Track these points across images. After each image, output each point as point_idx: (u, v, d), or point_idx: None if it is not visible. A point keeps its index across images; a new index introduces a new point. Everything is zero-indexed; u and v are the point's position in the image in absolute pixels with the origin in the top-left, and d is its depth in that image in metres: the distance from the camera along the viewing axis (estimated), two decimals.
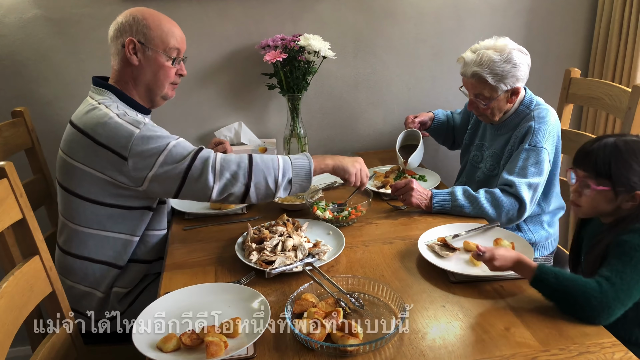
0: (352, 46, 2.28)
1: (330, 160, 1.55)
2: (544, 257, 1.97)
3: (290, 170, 1.46)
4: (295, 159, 1.49)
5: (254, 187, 1.43)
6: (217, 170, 1.41)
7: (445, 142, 2.24)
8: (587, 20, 2.42)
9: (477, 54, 1.75)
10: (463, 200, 1.67)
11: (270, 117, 2.32)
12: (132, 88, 1.58)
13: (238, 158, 1.44)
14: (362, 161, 1.61)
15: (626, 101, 1.83)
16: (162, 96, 1.62)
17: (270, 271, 1.33)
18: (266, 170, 1.44)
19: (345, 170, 1.56)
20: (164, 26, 1.56)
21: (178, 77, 1.64)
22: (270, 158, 1.47)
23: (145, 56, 1.54)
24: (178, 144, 1.44)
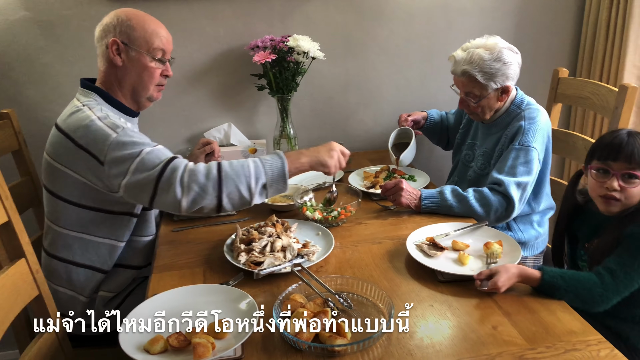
0: (341, 47, 2.28)
1: (305, 158, 1.46)
2: (534, 256, 1.98)
3: (263, 174, 1.38)
4: (267, 161, 1.41)
5: (227, 197, 1.36)
6: (184, 183, 1.33)
7: (440, 142, 2.25)
8: (574, 21, 2.44)
9: (468, 52, 1.76)
10: (452, 199, 1.68)
11: (259, 118, 2.32)
12: (117, 89, 1.56)
13: (207, 169, 1.36)
14: (336, 146, 1.52)
15: (613, 101, 1.85)
16: (148, 98, 1.60)
17: (259, 272, 1.33)
18: (237, 179, 1.36)
19: (323, 164, 1.48)
20: (148, 26, 1.54)
21: (164, 78, 1.62)
22: (241, 164, 1.39)
23: (129, 57, 1.52)
24: (152, 151, 1.38)
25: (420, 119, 2.16)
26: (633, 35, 2.17)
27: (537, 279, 1.26)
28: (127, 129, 1.41)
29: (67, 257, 1.54)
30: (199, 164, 1.38)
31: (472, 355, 1.07)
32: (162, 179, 1.34)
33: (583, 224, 1.51)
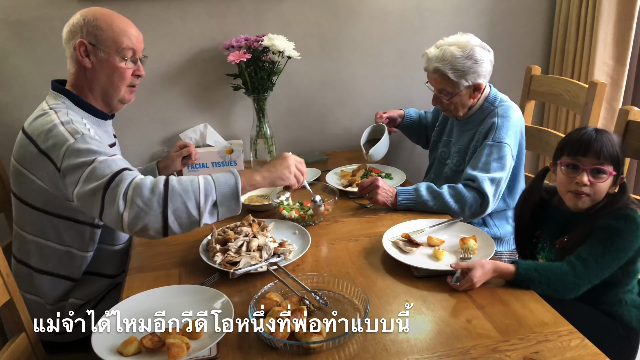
0: (316, 46, 2.28)
1: (259, 176, 1.38)
2: (509, 251, 2.00)
3: (213, 192, 1.28)
4: (219, 178, 1.31)
5: (173, 215, 1.25)
6: (128, 197, 1.23)
7: (419, 140, 2.27)
8: (546, 20, 2.48)
9: (440, 49, 1.78)
10: (427, 196, 1.69)
11: (236, 118, 2.31)
12: (88, 92, 1.52)
13: (153, 183, 1.26)
14: (290, 157, 1.45)
15: (583, 97, 1.88)
16: (120, 100, 1.55)
17: (235, 272, 1.32)
18: (184, 194, 1.25)
19: (281, 178, 1.41)
20: (115, 26, 1.49)
21: (136, 79, 1.57)
22: (190, 180, 1.29)
23: (98, 58, 1.47)
24: (105, 161, 1.29)
25: (397, 117, 2.18)
26: (602, 33, 2.21)
27: (511, 272, 1.28)
28: (86, 135, 1.35)
29: (31, 263, 1.51)
30: (147, 177, 1.28)
31: (446, 349, 1.08)
32: (108, 190, 1.25)
33: (548, 221, 1.52)
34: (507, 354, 1.05)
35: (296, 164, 1.45)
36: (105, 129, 1.59)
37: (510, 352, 1.06)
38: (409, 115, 2.20)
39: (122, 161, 1.34)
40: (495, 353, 1.06)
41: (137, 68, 1.55)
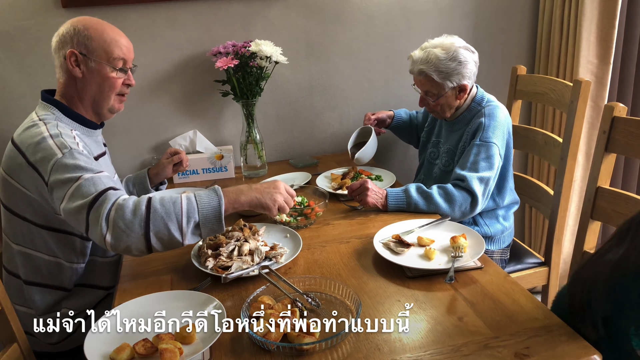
0: (304, 51, 2.29)
1: (245, 197, 1.35)
2: (501, 250, 2.02)
3: (196, 213, 1.27)
4: (202, 198, 1.30)
5: (155, 237, 1.25)
6: (110, 219, 1.23)
7: (411, 140, 2.29)
8: (530, 20, 2.51)
9: (425, 52, 1.80)
10: (417, 197, 1.71)
11: (225, 124, 2.32)
12: (77, 101, 1.52)
13: (135, 204, 1.25)
14: (281, 186, 1.42)
15: (569, 95, 1.90)
16: (109, 109, 1.56)
17: (227, 276, 1.33)
18: (167, 217, 1.25)
19: (264, 207, 1.37)
20: (106, 36, 1.49)
21: (126, 88, 1.57)
22: (173, 200, 1.27)
23: (89, 68, 1.48)
24: (91, 179, 1.29)
25: (386, 118, 2.19)
26: (585, 32, 2.24)
27: None
28: (74, 150, 1.35)
29: (20, 274, 1.51)
30: (130, 198, 1.27)
31: (438, 347, 1.08)
32: (92, 210, 1.25)
33: None
34: (499, 350, 1.06)
35: (285, 198, 1.41)
36: (95, 139, 1.59)
37: (501, 349, 1.07)
38: (399, 116, 2.22)
39: (108, 179, 1.33)
40: (487, 349, 1.07)
41: (127, 77, 1.56)
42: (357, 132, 2.11)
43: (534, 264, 2.06)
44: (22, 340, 1.32)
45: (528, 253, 2.12)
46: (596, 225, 1.59)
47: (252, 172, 2.17)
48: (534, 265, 2.06)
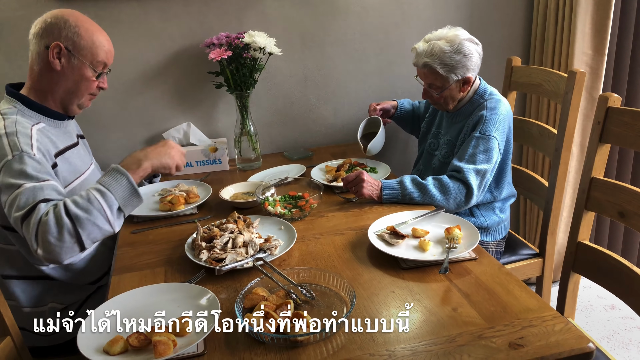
0: (298, 42, 2.28)
1: (146, 163, 1.42)
2: (496, 241, 2.02)
3: (113, 199, 1.31)
4: (111, 184, 1.33)
5: (88, 238, 1.28)
6: (39, 236, 1.25)
7: (413, 131, 2.28)
8: (525, 11, 2.50)
9: (429, 44, 1.79)
10: (412, 188, 1.70)
11: (219, 116, 2.30)
12: (47, 93, 1.51)
13: (56, 216, 1.25)
14: (172, 144, 1.52)
15: (563, 86, 1.90)
16: (79, 105, 1.57)
17: (220, 268, 1.32)
18: (92, 217, 1.28)
19: (164, 166, 1.47)
20: (96, 37, 1.49)
21: (98, 90, 1.58)
22: (87, 199, 1.29)
23: (70, 64, 1.48)
24: (31, 189, 1.29)
25: (390, 108, 2.18)
26: (580, 23, 2.23)
27: None
28: (24, 154, 1.34)
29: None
30: (49, 212, 1.26)
31: (432, 337, 1.08)
32: (24, 224, 1.27)
33: None
34: (493, 341, 1.06)
35: (179, 155, 1.51)
36: (64, 129, 1.59)
37: (495, 339, 1.07)
38: (402, 106, 2.21)
39: (49, 188, 1.32)
40: (481, 340, 1.07)
41: (102, 80, 1.57)
42: (364, 122, 2.09)
43: (529, 255, 2.07)
44: (15, 333, 1.31)
45: (523, 244, 2.12)
46: (590, 216, 1.59)
47: (246, 165, 2.17)
48: (528, 256, 2.06)
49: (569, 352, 1.03)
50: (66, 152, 1.55)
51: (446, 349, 1.05)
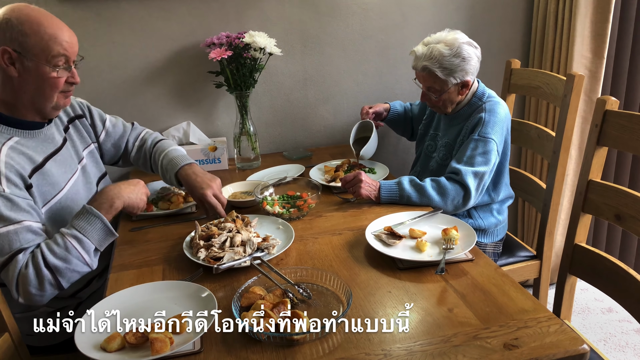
0: (298, 43, 2.29)
1: (118, 202, 1.42)
2: (494, 243, 2.03)
3: (89, 243, 1.34)
4: (85, 228, 1.34)
5: (68, 283, 1.33)
6: (20, 288, 1.28)
7: (404, 133, 2.28)
8: (525, 13, 2.51)
9: (428, 47, 1.79)
10: (410, 189, 1.71)
11: (219, 115, 2.31)
12: (16, 102, 1.41)
13: (35, 268, 1.27)
14: (142, 184, 1.52)
15: (562, 89, 1.91)
16: (53, 107, 1.45)
17: (218, 267, 1.33)
18: (70, 265, 1.31)
19: (132, 206, 1.47)
20: (44, 32, 1.33)
21: (69, 85, 1.45)
22: (65, 246, 1.31)
23: (25, 67, 1.34)
24: (5, 235, 1.28)
25: (382, 111, 2.19)
26: (580, 26, 2.24)
27: None
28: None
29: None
30: (28, 263, 1.28)
31: (428, 338, 1.09)
32: (1, 272, 1.29)
33: None
34: (488, 341, 1.07)
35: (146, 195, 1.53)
36: (43, 137, 1.50)
37: (490, 339, 1.07)
38: (395, 109, 2.21)
39: (23, 232, 1.30)
40: (476, 340, 1.07)
41: (71, 75, 1.43)
42: (356, 127, 2.09)
43: (526, 257, 2.07)
44: (13, 330, 1.32)
45: (520, 246, 2.13)
46: (587, 218, 1.60)
47: (245, 164, 2.17)
48: (526, 258, 2.07)
49: (564, 354, 1.03)
50: (46, 164, 1.46)
51: (441, 349, 1.05)
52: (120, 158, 1.83)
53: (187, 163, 1.69)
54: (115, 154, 1.81)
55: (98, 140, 1.75)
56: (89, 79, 2.10)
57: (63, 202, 1.49)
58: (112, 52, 2.12)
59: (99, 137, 1.75)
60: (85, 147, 1.69)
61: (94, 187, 1.66)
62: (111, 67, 2.13)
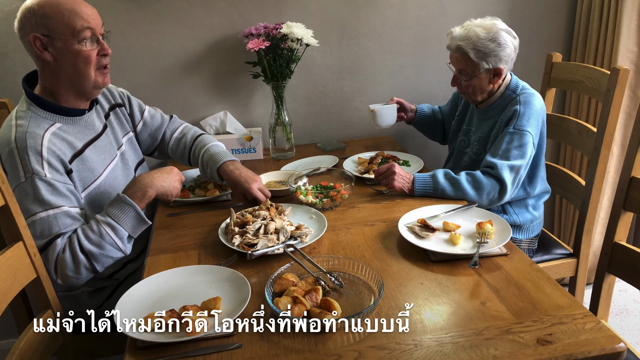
0: (335, 34, 2.29)
1: (151, 191, 1.45)
2: (529, 239, 1.99)
3: (123, 231, 1.39)
4: (119, 216, 1.39)
5: (102, 267, 1.40)
6: (58, 270, 1.36)
7: (435, 136, 2.26)
8: (568, 6, 2.44)
9: (465, 29, 1.78)
10: (444, 182, 1.69)
11: (255, 105, 2.34)
12: (59, 88, 1.46)
13: (72, 253, 1.35)
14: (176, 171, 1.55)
15: (605, 83, 1.85)
16: (93, 85, 1.48)
17: (252, 253, 1.35)
18: (105, 251, 1.38)
19: (166, 194, 1.50)
20: (63, 8, 1.37)
21: (103, 58, 1.47)
22: (99, 233, 1.37)
23: (56, 49, 1.39)
24: (46, 219, 1.35)
25: (408, 108, 2.17)
26: (626, 19, 2.17)
27: None
28: (35, 177, 1.35)
29: None
30: (66, 248, 1.36)
31: (459, 330, 1.09)
32: (42, 254, 1.35)
33: None
34: (521, 336, 1.06)
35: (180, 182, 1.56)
36: (84, 124, 1.55)
37: (523, 334, 1.06)
38: (422, 110, 2.19)
39: (62, 217, 1.37)
40: (509, 334, 1.06)
41: (100, 47, 1.45)
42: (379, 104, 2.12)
43: (563, 255, 2.03)
44: (55, 306, 1.37)
45: (557, 244, 2.09)
46: (628, 216, 1.55)
47: (280, 154, 2.19)
48: (562, 256, 2.03)
49: (599, 351, 1.01)
50: (85, 151, 1.51)
51: (473, 342, 1.05)
52: (157, 149, 1.88)
53: (229, 159, 1.73)
54: (151, 145, 1.86)
55: (135, 130, 1.81)
56: (129, 67, 2.16)
57: (102, 187, 1.54)
58: (152, 41, 2.16)
59: (136, 126, 1.80)
60: (125, 135, 1.74)
61: (132, 173, 1.71)
62: (151, 56, 2.18)
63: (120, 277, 1.64)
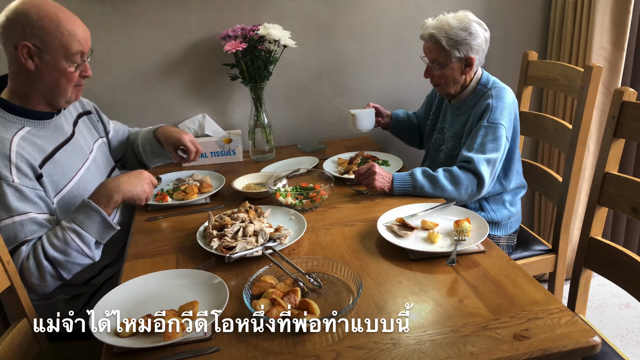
0: (313, 35, 2.29)
1: (117, 195, 1.43)
2: (507, 235, 2.01)
3: (89, 237, 1.37)
4: (84, 222, 1.37)
5: (69, 274, 1.39)
6: (24, 277, 1.33)
7: (413, 141, 2.27)
8: (543, 4, 2.47)
9: (438, 19, 1.82)
10: (423, 180, 1.70)
11: (234, 107, 2.33)
12: (28, 94, 1.44)
13: (35, 263, 1.33)
14: (146, 175, 1.52)
15: (579, 81, 1.88)
16: (66, 100, 1.49)
17: (230, 256, 1.34)
18: (71, 258, 1.36)
19: (134, 198, 1.48)
20: (63, 28, 1.37)
21: (82, 79, 1.49)
22: (65, 240, 1.35)
23: (44, 62, 1.38)
24: (12, 225, 1.33)
25: (383, 112, 2.17)
26: (599, 17, 2.20)
27: None
28: (3, 182, 1.32)
29: None
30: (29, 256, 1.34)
31: (437, 327, 1.09)
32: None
33: None
34: (498, 332, 1.07)
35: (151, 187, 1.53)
36: (53, 127, 1.53)
37: (500, 330, 1.07)
38: (397, 116, 2.21)
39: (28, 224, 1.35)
40: (486, 331, 1.07)
41: (84, 69, 1.47)
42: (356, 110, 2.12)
43: (542, 251, 2.05)
44: (31, 315, 1.35)
45: (535, 240, 2.11)
46: (603, 211, 1.58)
47: (260, 156, 2.19)
48: (541, 252, 2.05)
49: (574, 345, 1.03)
50: (56, 154, 1.50)
51: (450, 339, 1.05)
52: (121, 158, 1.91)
53: (162, 125, 1.79)
54: (119, 153, 1.89)
55: (107, 136, 1.81)
56: (105, 71, 2.13)
57: (75, 191, 1.52)
58: (128, 44, 2.14)
59: (108, 132, 1.82)
60: (95, 141, 1.74)
61: (105, 177, 1.69)
62: (127, 59, 2.16)
63: (97, 283, 1.62)
